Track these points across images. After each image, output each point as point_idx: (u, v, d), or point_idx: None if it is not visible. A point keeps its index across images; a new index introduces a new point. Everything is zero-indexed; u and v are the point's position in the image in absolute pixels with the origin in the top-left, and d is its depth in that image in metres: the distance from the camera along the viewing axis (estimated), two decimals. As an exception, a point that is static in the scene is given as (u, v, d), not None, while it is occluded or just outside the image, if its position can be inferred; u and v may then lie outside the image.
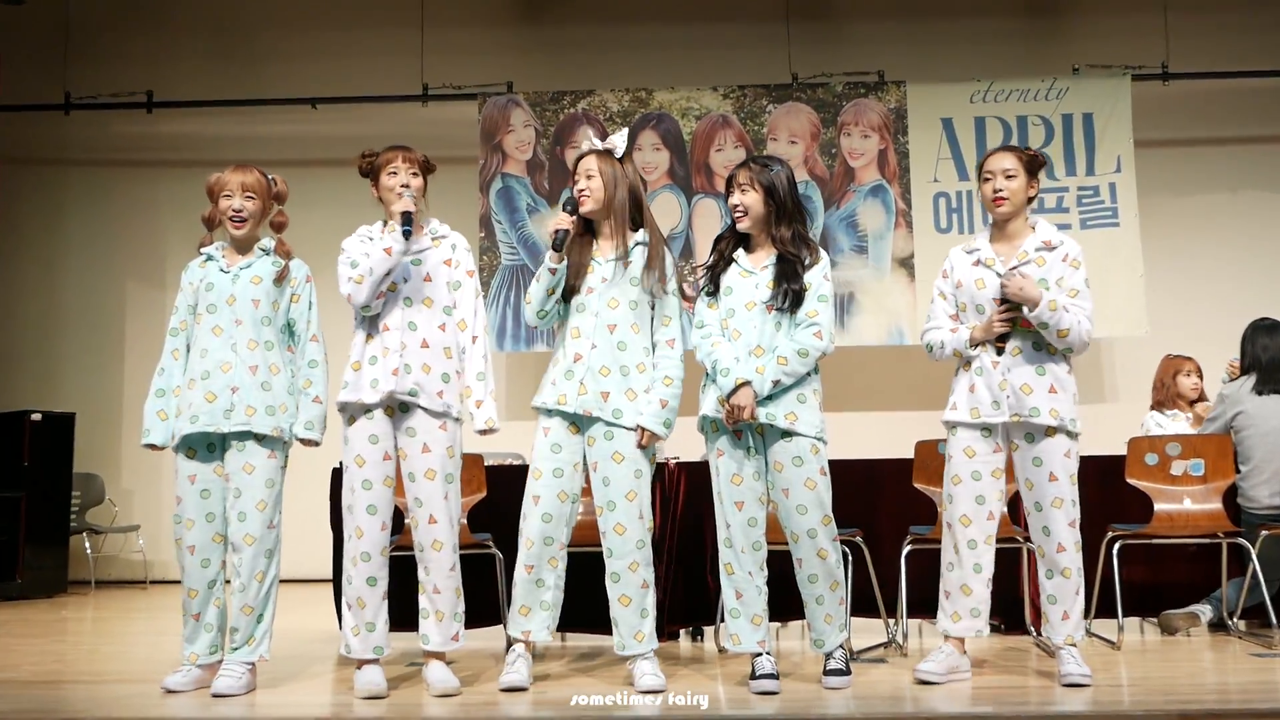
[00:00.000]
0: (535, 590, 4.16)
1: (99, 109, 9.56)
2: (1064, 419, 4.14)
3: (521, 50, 9.63)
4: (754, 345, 4.11)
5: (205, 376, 4.17)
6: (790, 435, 4.09)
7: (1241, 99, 9.35)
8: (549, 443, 4.19)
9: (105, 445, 9.45)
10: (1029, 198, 4.24)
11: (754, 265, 4.21)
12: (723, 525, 4.16)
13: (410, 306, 4.21)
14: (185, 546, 4.17)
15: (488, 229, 8.98)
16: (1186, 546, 5.58)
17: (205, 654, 4.18)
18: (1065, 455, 4.14)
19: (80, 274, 9.81)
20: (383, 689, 4.05)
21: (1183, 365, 6.47)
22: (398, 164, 4.23)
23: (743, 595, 4.13)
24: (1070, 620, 4.13)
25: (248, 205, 4.25)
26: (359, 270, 4.14)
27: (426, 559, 4.17)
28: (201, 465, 4.19)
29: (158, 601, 7.96)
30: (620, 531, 4.11)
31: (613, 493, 4.13)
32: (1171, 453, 5.28)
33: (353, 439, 4.17)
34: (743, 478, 4.13)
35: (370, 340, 4.20)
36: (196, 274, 4.33)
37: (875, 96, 9.03)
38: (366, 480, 4.14)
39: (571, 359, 4.20)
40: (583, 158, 4.30)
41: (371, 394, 4.13)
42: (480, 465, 5.31)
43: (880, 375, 9.01)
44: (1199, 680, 4.36)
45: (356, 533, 4.12)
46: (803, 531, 4.08)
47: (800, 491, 4.07)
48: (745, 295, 4.17)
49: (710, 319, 4.23)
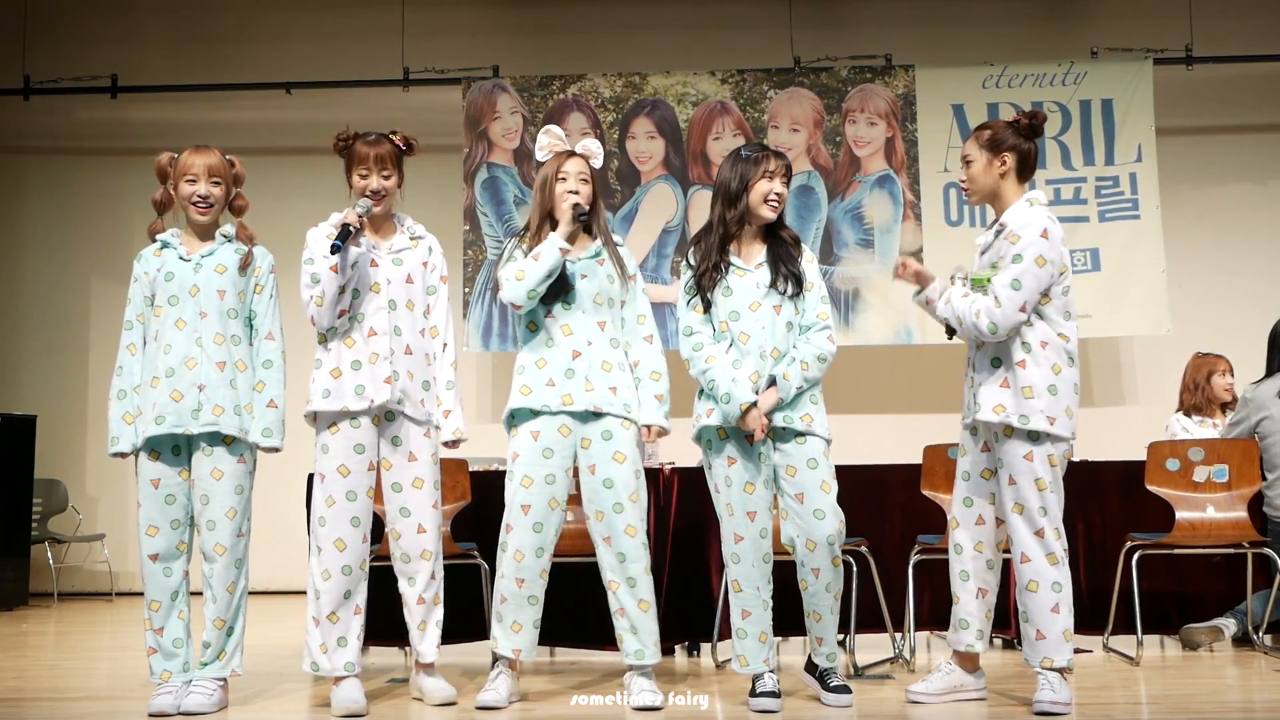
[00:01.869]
0: (527, 606, 4.18)
1: (60, 94, 9.55)
2: (1009, 415, 3.99)
3: (508, 32, 9.63)
4: (767, 348, 4.12)
5: (170, 374, 4.14)
6: (804, 436, 4.12)
7: (1270, 84, 9.35)
8: (539, 447, 4.20)
9: (68, 450, 9.45)
10: (1001, 174, 4.13)
11: (748, 262, 4.23)
12: (730, 539, 4.15)
13: (394, 310, 4.26)
14: (147, 554, 4.16)
15: (472, 221, 8.99)
16: (1210, 557, 5.61)
17: (179, 672, 4.17)
18: (1025, 458, 3.99)
19: (41, 268, 9.81)
20: (362, 707, 4.07)
21: (1217, 365, 6.36)
22: (369, 165, 4.25)
23: (750, 613, 4.15)
24: (1046, 641, 3.95)
25: (214, 191, 4.23)
26: (318, 290, 4.17)
27: (414, 569, 4.23)
28: (165, 469, 4.17)
29: (123, 615, 7.95)
30: (632, 534, 4.16)
31: (619, 494, 4.17)
32: (1194, 458, 5.28)
33: (334, 447, 4.18)
34: (755, 486, 4.13)
35: (351, 344, 4.21)
36: (153, 263, 4.27)
37: (882, 81, 9.04)
38: (351, 491, 4.16)
39: (569, 356, 4.22)
40: (571, 157, 4.35)
41: (358, 402, 4.16)
42: (465, 471, 5.31)
43: (887, 377, 9.03)
44: (1222, 698, 4.37)
45: (338, 545, 4.14)
46: (822, 538, 4.08)
47: (818, 495, 4.09)
48: (748, 295, 4.18)
49: (700, 327, 4.21)
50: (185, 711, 4.03)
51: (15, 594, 8.34)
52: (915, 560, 5.16)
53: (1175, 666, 5.09)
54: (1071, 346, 4.05)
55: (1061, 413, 3.99)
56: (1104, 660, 5.21)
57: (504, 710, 4.10)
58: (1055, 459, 4.01)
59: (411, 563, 4.24)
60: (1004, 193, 4.15)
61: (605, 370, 4.22)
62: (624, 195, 8.97)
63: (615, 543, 4.16)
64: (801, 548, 4.11)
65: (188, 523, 4.19)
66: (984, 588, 4.19)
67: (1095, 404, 9.08)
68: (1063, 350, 4.02)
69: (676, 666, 5.23)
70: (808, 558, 4.11)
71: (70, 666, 5.58)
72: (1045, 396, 3.97)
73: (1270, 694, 4.39)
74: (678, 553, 5.52)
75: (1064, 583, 3.97)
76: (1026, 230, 4.00)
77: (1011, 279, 3.97)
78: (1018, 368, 4.01)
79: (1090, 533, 5.61)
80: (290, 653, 5.59)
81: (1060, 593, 3.96)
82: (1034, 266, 3.96)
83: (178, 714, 4.03)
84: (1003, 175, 4.14)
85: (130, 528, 9.12)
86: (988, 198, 4.19)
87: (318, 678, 4.40)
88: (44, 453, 8.85)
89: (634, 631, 4.17)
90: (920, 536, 5.25)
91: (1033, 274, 3.96)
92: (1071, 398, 4.03)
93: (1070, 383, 4.02)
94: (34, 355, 9.72)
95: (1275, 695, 4.34)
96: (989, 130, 4.18)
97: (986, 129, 4.19)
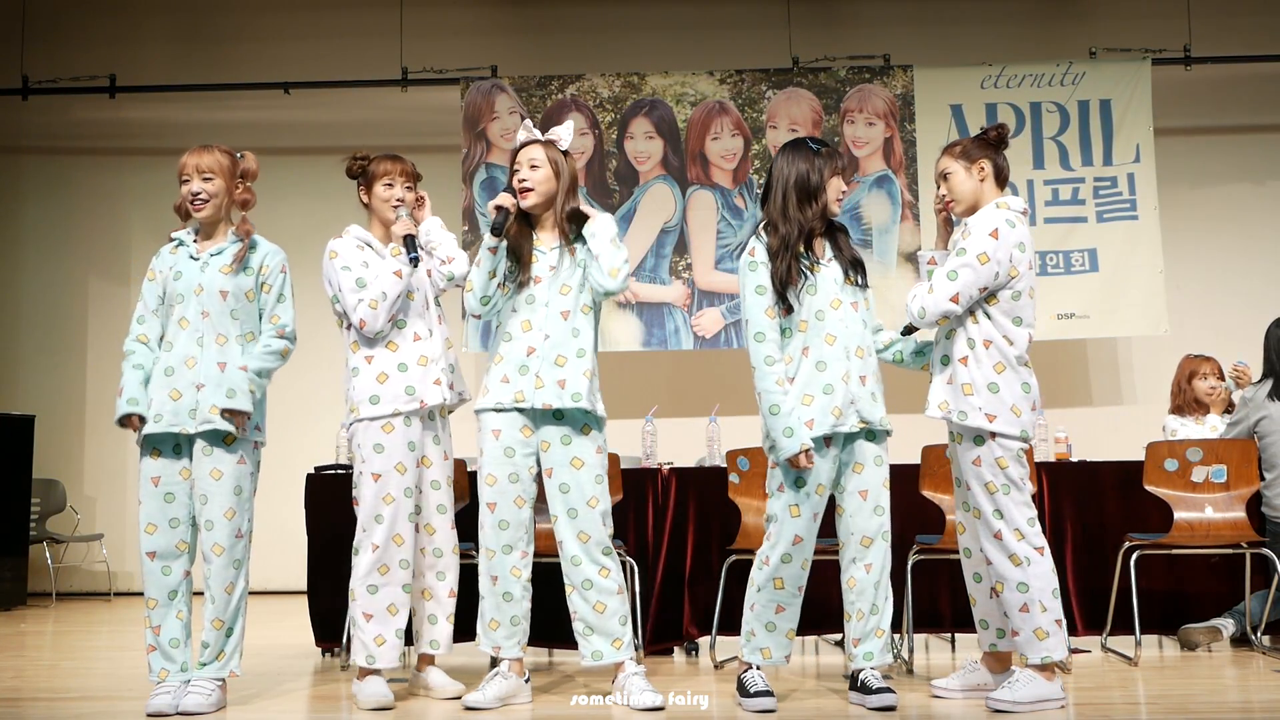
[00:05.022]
0: (503, 604, 4.20)
1: (59, 93, 9.55)
2: (950, 411, 4.02)
3: (506, 32, 9.64)
4: (852, 346, 4.10)
5: (169, 372, 4.16)
6: (874, 435, 4.14)
7: (1269, 84, 9.36)
8: (501, 446, 4.22)
9: (66, 449, 9.45)
10: (980, 179, 4.15)
11: (822, 256, 4.19)
12: (786, 540, 4.04)
13: (429, 311, 4.48)
14: (145, 552, 4.18)
15: (471, 222, 8.99)
16: (1208, 557, 5.61)
17: (176, 672, 4.17)
18: (974, 463, 4.02)
19: (39, 268, 9.81)
20: (391, 700, 4.16)
21: (1200, 367, 6.42)
22: (394, 177, 4.42)
23: (785, 609, 4.12)
24: (1019, 638, 4.00)
25: (206, 187, 4.22)
26: (371, 294, 4.30)
27: (444, 564, 4.47)
28: (165, 468, 4.18)
29: (122, 615, 7.95)
30: (584, 540, 4.17)
31: (573, 499, 4.18)
32: (1192, 458, 5.28)
33: (390, 446, 4.29)
34: (825, 488, 4.10)
35: (394, 348, 4.35)
36: (167, 260, 4.30)
37: (881, 81, 9.05)
38: (409, 488, 4.32)
39: (524, 353, 4.23)
40: (524, 146, 4.34)
41: (409, 403, 4.31)
42: (464, 471, 5.30)
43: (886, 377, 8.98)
44: (1220, 698, 4.37)
45: (396, 540, 4.28)
46: (877, 534, 4.09)
47: (879, 491, 4.11)
48: (829, 293, 4.12)
49: (772, 334, 4.06)
50: (183, 711, 4.03)
51: (13, 594, 8.34)
52: (914, 560, 5.16)
53: (1173, 667, 5.09)
54: (1018, 351, 4.02)
55: (1005, 411, 3.98)
56: (1102, 660, 5.22)
57: (502, 710, 4.10)
58: (1005, 461, 3.99)
59: (444, 557, 4.46)
60: (984, 200, 4.17)
61: (559, 365, 4.20)
62: (622, 195, 8.97)
63: (567, 547, 4.19)
64: (856, 544, 4.09)
65: (188, 522, 4.20)
66: (995, 586, 4.19)
67: (1093, 404, 9.09)
68: (1008, 353, 4.01)
69: (676, 666, 5.23)
70: (861, 554, 4.09)
71: (68, 666, 5.58)
72: (984, 394, 3.98)
73: (1268, 694, 4.39)
74: (674, 552, 5.52)
75: (1031, 582, 3.96)
76: (978, 228, 4.05)
77: (950, 269, 4.02)
78: (959, 364, 4.04)
79: (1088, 533, 5.62)
80: (290, 653, 5.61)
81: (1027, 593, 3.97)
82: (974, 261, 3.99)
83: (175, 714, 4.03)
84: (983, 180, 4.17)
85: (129, 528, 9.16)
86: (972, 207, 4.20)
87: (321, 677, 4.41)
88: (42, 452, 8.85)
89: (586, 633, 4.19)
90: (919, 536, 5.25)
91: (972, 269, 3.99)
92: (1020, 398, 4.00)
93: (1016, 383, 4.00)
94: (32, 355, 9.72)
95: (1273, 695, 4.34)
96: (959, 145, 4.25)
97: (956, 144, 4.26)
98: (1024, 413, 4.00)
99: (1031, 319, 4.10)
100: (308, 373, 4.27)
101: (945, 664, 5.22)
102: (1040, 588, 3.97)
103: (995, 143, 4.21)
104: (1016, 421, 3.98)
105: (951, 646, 5.73)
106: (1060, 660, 4.04)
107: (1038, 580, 3.97)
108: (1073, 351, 9.11)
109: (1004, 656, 4.25)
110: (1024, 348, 4.05)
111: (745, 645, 4.16)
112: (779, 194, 4.17)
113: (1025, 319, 4.07)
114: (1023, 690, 3.95)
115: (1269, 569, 5.26)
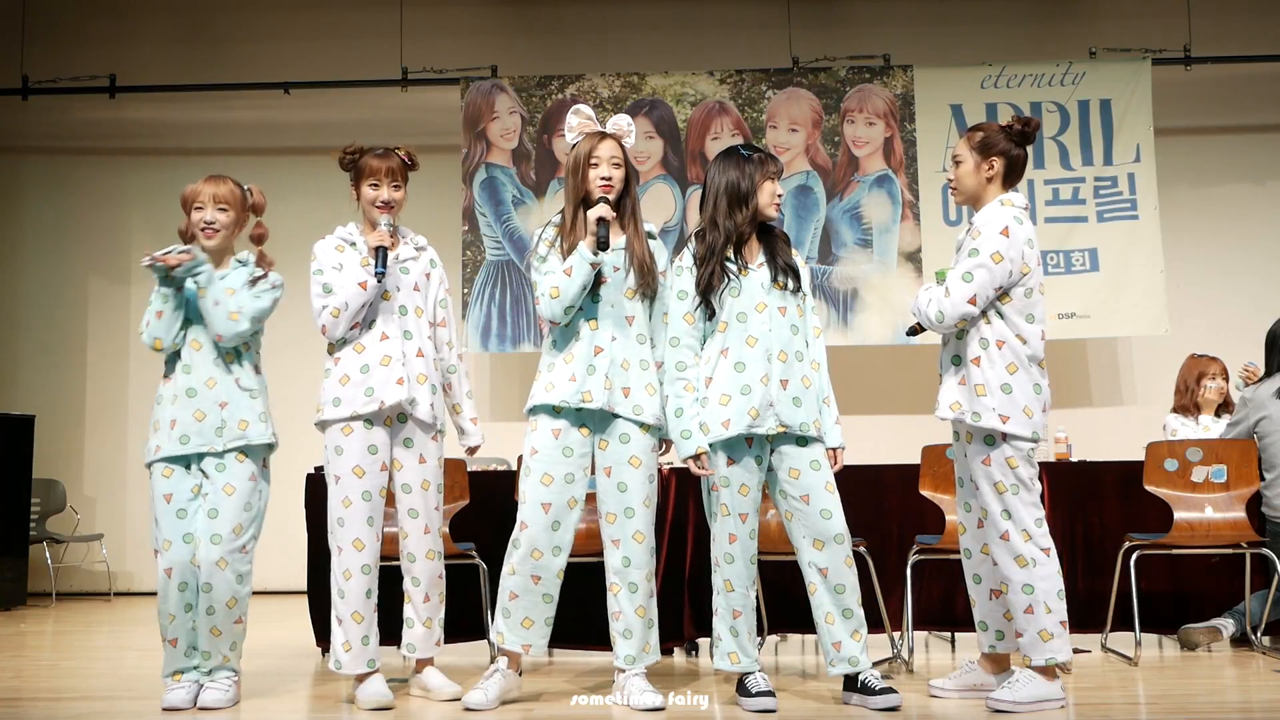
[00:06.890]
0: (541, 604, 4.19)
1: (59, 93, 9.55)
2: (964, 412, 4.02)
3: (506, 32, 9.64)
4: (774, 350, 4.10)
5: (191, 394, 4.23)
6: (807, 440, 4.13)
7: (1269, 84, 9.36)
8: (560, 445, 4.18)
9: (66, 449, 9.45)
10: (988, 177, 4.14)
11: (753, 261, 4.22)
12: (724, 540, 4.14)
13: (404, 315, 4.38)
14: (162, 569, 4.21)
15: (471, 222, 8.99)
16: (1208, 557, 5.61)
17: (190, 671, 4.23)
18: (983, 463, 4.02)
19: (39, 268, 9.80)
20: (390, 699, 4.17)
21: (1209, 368, 6.41)
22: (380, 177, 4.37)
23: (741, 613, 4.15)
24: (1023, 639, 4.00)
25: (220, 217, 4.32)
26: (335, 302, 4.26)
27: (418, 569, 4.37)
28: (178, 484, 4.22)
29: (122, 615, 7.96)
30: (640, 540, 4.17)
31: (631, 498, 4.18)
32: (1192, 458, 5.28)
33: (349, 449, 4.27)
34: (750, 488, 4.13)
35: (361, 349, 4.30)
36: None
37: (881, 81, 9.05)
38: (366, 491, 4.27)
39: (591, 351, 4.19)
40: (604, 139, 4.30)
41: (368, 404, 4.25)
42: (463, 471, 5.33)
43: (886, 376, 9.03)
44: (1220, 698, 4.37)
45: (356, 545, 4.24)
46: (830, 538, 4.08)
47: (823, 496, 4.10)
48: (754, 296, 4.15)
49: (689, 340, 4.16)
50: (203, 706, 4.12)
51: (13, 594, 8.34)
52: (914, 560, 5.17)
53: (1173, 667, 5.09)
54: (1031, 350, 4.02)
55: (1018, 412, 3.97)
56: (1102, 660, 5.22)
57: (501, 710, 4.10)
58: (1015, 461, 3.99)
59: (418, 562, 4.36)
60: (987, 196, 4.16)
61: (624, 369, 4.18)
62: (622, 195, 8.96)
63: (623, 546, 4.17)
64: (809, 548, 4.10)
65: None
66: (996, 588, 4.18)
67: (1093, 404, 9.09)
68: (1020, 352, 4.01)
69: (676, 666, 5.24)
70: (815, 557, 4.10)
71: (68, 666, 5.58)
72: (998, 394, 3.97)
73: (1268, 694, 4.39)
74: (674, 552, 5.53)
75: (1036, 584, 3.97)
76: (988, 226, 4.03)
77: (964, 271, 4.01)
78: (972, 365, 4.03)
79: (1089, 533, 5.62)
80: (290, 653, 5.61)
81: (1032, 594, 3.97)
82: (989, 261, 3.98)
83: (193, 708, 4.12)
84: (989, 179, 4.15)
85: (128, 528, 9.18)
86: (971, 199, 4.20)
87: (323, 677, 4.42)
88: (42, 452, 8.85)
89: (627, 636, 4.18)
90: (918, 537, 5.26)
91: (986, 269, 3.98)
92: (1032, 398, 4.00)
93: (1029, 384, 3.99)
94: (32, 355, 9.71)
95: (1273, 695, 4.34)
96: (982, 132, 4.19)
97: (979, 131, 4.20)
98: (1036, 413, 4.01)
99: (1043, 315, 4.11)
100: (308, 373, 4.26)
101: (945, 664, 5.22)
102: (1046, 589, 3.97)
103: (1018, 138, 4.15)
104: (1029, 422, 3.98)
105: (951, 646, 5.73)
106: (1064, 662, 4.04)
107: (1043, 582, 3.97)
108: (1073, 351, 9.11)
109: (1002, 658, 4.25)
110: (1037, 346, 4.05)
111: (714, 649, 4.21)
112: (710, 201, 4.25)
113: (1038, 315, 4.07)
114: (1023, 690, 3.96)
115: (1269, 569, 5.25)
